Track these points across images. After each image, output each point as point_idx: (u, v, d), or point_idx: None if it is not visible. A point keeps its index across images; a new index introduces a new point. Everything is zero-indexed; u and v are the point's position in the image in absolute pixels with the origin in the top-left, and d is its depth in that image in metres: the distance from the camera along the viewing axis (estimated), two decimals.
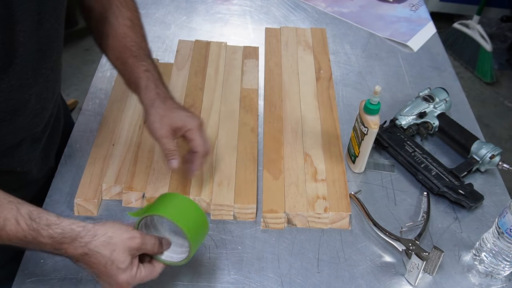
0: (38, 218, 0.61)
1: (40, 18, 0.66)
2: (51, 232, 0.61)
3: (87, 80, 2.28)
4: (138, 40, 0.84)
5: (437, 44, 1.30)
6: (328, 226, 0.85)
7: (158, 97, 0.79)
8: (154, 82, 0.80)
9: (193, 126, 0.79)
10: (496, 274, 0.80)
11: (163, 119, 0.78)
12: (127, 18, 0.84)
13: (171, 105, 0.80)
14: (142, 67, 0.81)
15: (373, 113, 0.86)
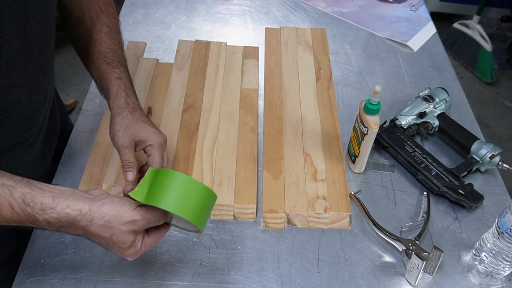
0: (32, 202, 0.60)
1: (26, 16, 0.65)
2: (46, 217, 0.60)
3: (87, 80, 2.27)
4: (113, 47, 0.84)
5: (437, 44, 1.30)
6: (328, 226, 0.85)
7: (127, 106, 0.79)
8: (124, 90, 0.80)
9: (155, 142, 0.78)
10: (496, 274, 0.80)
11: (127, 129, 0.77)
12: (105, 24, 0.84)
13: (138, 118, 0.79)
14: (115, 74, 0.81)
15: (373, 113, 0.86)
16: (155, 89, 1.05)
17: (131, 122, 0.78)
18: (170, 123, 0.98)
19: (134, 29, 1.24)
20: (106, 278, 0.75)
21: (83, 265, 0.77)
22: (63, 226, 0.61)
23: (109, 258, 0.78)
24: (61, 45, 1.63)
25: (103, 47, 0.82)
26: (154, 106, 1.01)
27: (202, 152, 0.93)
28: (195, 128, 0.97)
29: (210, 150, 0.93)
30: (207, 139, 0.95)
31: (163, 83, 1.07)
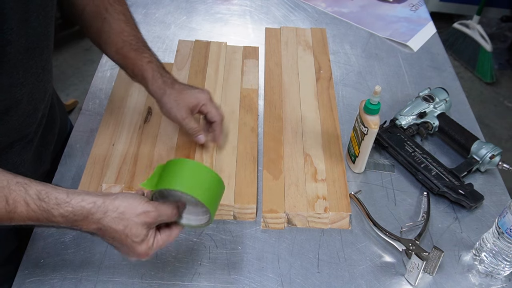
0: (47, 198, 0.61)
1: (28, 16, 0.66)
2: (61, 211, 0.61)
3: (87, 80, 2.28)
4: (134, 33, 0.87)
5: (437, 44, 1.30)
6: (328, 226, 0.85)
7: (166, 85, 0.85)
8: (158, 71, 0.86)
9: (205, 100, 0.86)
10: (496, 274, 0.80)
11: (178, 103, 0.84)
12: (121, 13, 0.87)
13: (179, 89, 0.86)
14: (145, 59, 0.86)
15: (373, 113, 0.86)
16: None
17: (177, 96, 0.85)
18: (170, 123, 0.98)
19: None
20: (106, 278, 0.75)
21: (83, 265, 0.77)
22: (77, 220, 0.62)
23: (109, 258, 0.78)
24: (61, 45, 1.67)
25: (125, 35, 0.86)
26: (154, 105, 1.01)
27: (202, 152, 0.93)
28: None
29: (210, 150, 0.93)
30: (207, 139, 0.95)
31: None
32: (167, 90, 0.85)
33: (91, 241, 0.80)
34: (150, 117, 0.99)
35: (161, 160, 0.90)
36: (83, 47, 2.62)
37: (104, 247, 0.79)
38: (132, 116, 0.99)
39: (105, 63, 1.13)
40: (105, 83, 1.08)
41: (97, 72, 1.11)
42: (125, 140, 0.94)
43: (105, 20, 0.86)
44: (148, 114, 1.00)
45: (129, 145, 0.93)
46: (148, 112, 1.00)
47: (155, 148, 0.93)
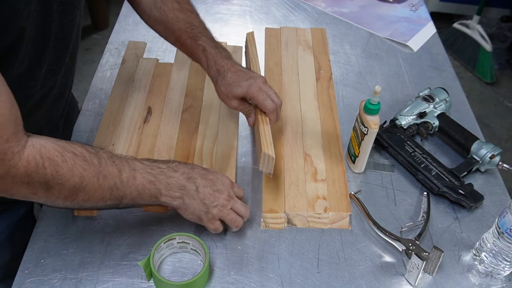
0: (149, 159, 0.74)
1: (63, 8, 0.70)
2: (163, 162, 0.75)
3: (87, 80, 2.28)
4: (189, 19, 0.90)
5: (437, 44, 1.30)
6: (328, 226, 0.85)
7: (219, 74, 0.87)
8: (213, 59, 0.88)
9: (253, 92, 0.86)
10: (496, 274, 0.80)
11: (228, 94, 0.87)
12: (174, 1, 0.90)
13: (230, 78, 0.87)
14: (200, 48, 0.89)
15: (373, 113, 0.86)
16: (155, 89, 1.05)
17: (227, 87, 0.87)
18: (170, 123, 0.98)
19: (134, 29, 1.24)
20: (106, 278, 0.75)
21: (83, 265, 0.77)
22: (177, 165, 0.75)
23: (109, 258, 0.78)
24: None
25: (181, 23, 0.90)
26: (154, 106, 1.01)
27: (202, 153, 0.93)
28: (194, 128, 0.97)
29: (210, 150, 0.93)
30: (207, 139, 0.95)
31: (163, 83, 1.07)
32: (218, 80, 0.87)
33: (91, 241, 0.80)
34: (150, 117, 0.99)
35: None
36: (83, 47, 2.62)
37: (104, 247, 0.79)
38: (132, 116, 0.99)
39: (105, 63, 1.14)
40: (105, 83, 1.08)
41: (97, 72, 1.11)
42: (125, 140, 0.94)
43: (161, 9, 0.90)
44: (148, 114, 1.00)
45: (129, 145, 0.93)
46: (148, 112, 1.00)
47: (154, 148, 0.93)
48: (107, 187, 0.67)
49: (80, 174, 0.64)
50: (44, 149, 0.62)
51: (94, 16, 2.74)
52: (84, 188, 0.65)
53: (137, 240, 0.80)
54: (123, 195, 0.69)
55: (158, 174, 0.72)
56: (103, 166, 0.67)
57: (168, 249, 0.78)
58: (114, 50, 1.17)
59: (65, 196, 0.64)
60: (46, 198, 0.64)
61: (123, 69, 1.10)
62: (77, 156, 0.65)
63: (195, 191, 0.75)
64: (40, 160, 0.61)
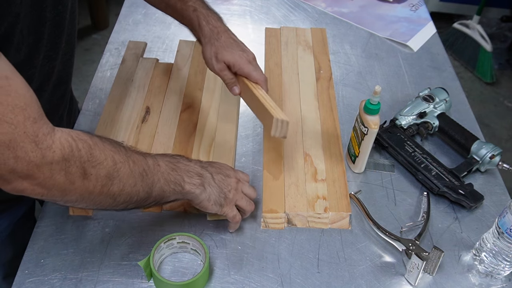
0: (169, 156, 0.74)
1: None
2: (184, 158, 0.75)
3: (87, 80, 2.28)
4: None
5: (437, 44, 1.30)
6: (328, 226, 0.85)
7: (212, 34, 0.86)
8: (205, 19, 0.87)
9: (243, 63, 0.85)
10: (496, 274, 0.80)
11: (217, 56, 0.85)
12: None
13: (224, 42, 0.86)
14: (190, 8, 0.87)
15: (373, 113, 0.86)
16: (155, 89, 1.05)
17: (218, 49, 0.85)
18: (169, 123, 0.98)
19: (134, 29, 1.24)
20: (106, 278, 0.75)
21: (83, 265, 0.77)
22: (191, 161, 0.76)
23: (109, 258, 0.78)
24: None
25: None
26: (153, 105, 1.01)
27: (199, 153, 0.92)
28: (193, 128, 0.97)
29: (207, 151, 0.93)
30: (205, 140, 0.95)
31: (163, 83, 1.07)
32: (212, 39, 0.86)
33: (91, 241, 0.80)
34: (148, 117, 0.99)
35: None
36: (83, 47, 2.62)
37: (104, 247, 0.79)
38: (130, 115, 0.99)
39: (105, 63, 1.14)
40: (105, 83, 1.08)
41: (97, 72, 1.11)
42: (122, 140, 0.94)
43: None
44: (146, 113, 1.00)
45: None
46: (146, 111, 1.00)
47: (152, 148, 0.93)
48: (138, 173, 0.65)
49: (112, 157, 0.62)
50: (73, 132, 0.60)
51: (94, 16, 2.74)
52: (117, 172, 0.62)
53: (137, 240, 0.80)
54: (152, 182, 0.67)
55: (177, 162, 0.72)
56: (129, 152, 0.65)
57: (168, 249, 0.78)
58: (114, 50, 1.17)
59: (102, 185, 0.61)
60: (83, 188, 0.60)
61: (122, 69, 1.10)
62: (104, 141, 0.63)
63: (211, 178, 0.75)
64: (73, 142, 0.58)
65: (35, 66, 0.73)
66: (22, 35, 0.65)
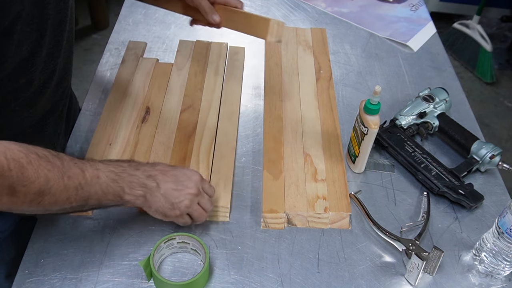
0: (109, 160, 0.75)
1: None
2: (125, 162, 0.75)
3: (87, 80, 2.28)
4: None
5: (437, 44, 1.30)
6: (328, 226, 0.85)
7: None
8: None
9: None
10: (496, 274, 0.80)
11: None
12: None
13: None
14: None
15: (373, 113, 0.86)
16: (154, 89, 1.05)
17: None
18: (168, 123, 0.98)
19: (134, 29, 1.24)
20: (106, 278, 0.75)
21: (83, 265, 0.77)
22: (140, 164, 0.75)
23: (109, 258, 0.78)
24: None
25: None
26: (153, 105, 1.01)
27: (199, 153, 0.92)
28: (193, 128, 0.97)
29: (207, 151, 0.93)
30: (205, 140, 0.95)
31: (163, 83, 1.07)
32: None
33: (91, 241, 0.80)
34: (148, 117, 0.99)
35: (158, 159, 0.90)
36: (83, 47, 2.62)
37: (104, 247, 0.79)
38: (130, 115, 0.99)
39: (105, 63, 1.14)
40: (105, 83, 1.08)
41: (97, 72, 1.11)
42: (122, 140, 0.94)
43: None
44: (146, 113, 1.00)
45: (126, 144, 0.93)
46: (146, 111, 1.00)
47: (152, 148, 0.93)
48: (72, 188, 0.66)
49: (45, 176, 0.63)
50: (9, 150, 0.60)
51: (94, 16, 2.74)
52: (49, 189, 0.63)
53: (137, 240, 0.80)
54: (88, 195, 0.68)
55: (121, 172, 0.72)
56: (66, 167, 0.66)
57: (168, 249, 0.78)
58: (114, 50, 1.17)
59: (31, 200, 0.63)
60: (10, 204, 0.62)
61: (122, 69, 1.10)
62: (41, 157, 0.63)
63: (156, 187, 0.73)
64: (5, 162, 0.59)
65: (38, 64, 0.73)
66: (24, 32, 0.66)
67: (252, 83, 1.11)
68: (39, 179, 0.62)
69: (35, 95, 0.78)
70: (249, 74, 1.13)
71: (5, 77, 0.69)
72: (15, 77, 0.68)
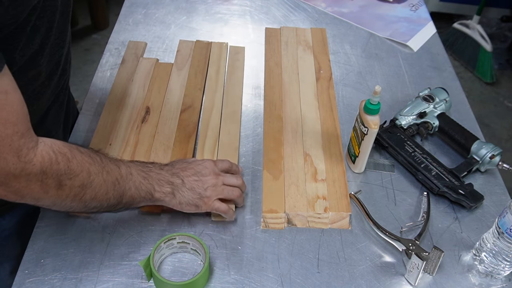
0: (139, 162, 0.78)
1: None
2: (155, 165, 0.78)
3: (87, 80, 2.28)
4: None
5: (437, 44, 1.30)
6: (328, 226, 0.85)
7: None
8: None
9: None
10: (496, 274, 0.80)
11: None
12: None
13: None
14: None
15: (373, 113, 0.86)
16: (154, 89, 1.05)
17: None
18: (168, 123, 0.98)
19: (134, 29, 1.24)
20: (106, 278, 0.75)
21: (83, 265, 0.77)
22: (161, 165, 0.78)
23: (109, 258, 0.78)
24: None
25: None
26: (153, 105, 1.01)
27: (204, 153, 0.92)
28: (192, 128, 0.97)
29: (211, 151, 0.93)
30: (209, 140, 0.95)
31: (163, 83, 1.07)
32: None
33: (91, 241, 0.80)
34: (148, 117, 0.99)
35: (157, 159, 0.90)
36: (83, 47, 2.62)
37: (104, 247, 0.79)
38: (130, 115, 0.99)
39: (105, 63, 1.14)
40: (105, 83, 1.08)
41: (97, 72, 1.11)
42: (122, 140, 0.94)
43: None
44: (146, 113, 1.00)
45: (126, 144, 0.93)
46: (146, 111, 1.00)
47: (152, 148, 0.93)
48: (110, 182, 0.69)
49: (87, 169, 0.66)
50: (55, 145, 0.64)
51: (94, 16, 2.74)
52: (91, 183, 0.67)
53: (137, 240, 0.80)
54: (124, 191, 0.71)
55: (148, 171, 0.75)
56: (104, 163, 0.69)
57: (168, 249, 0.78)
58: (114, 50, 1.17)
59: (75, 194, 0.66)
60: (56, 197, 0.65)
61: (122, 69, 1.10)
62: (83, 152, 0.67)
63: (182, 183, 0.77)
64: (53, 156, 0.62)
65: (46, 56, 0.74)
66: (36, 25, 0.67)
67: (252, 83, 1.12)
68: (83, 172, 0.65)
69: (42, 87, 0.78)
70: (249, 74, 1.13)
71: (16, 70, 0.69)
72: (25, 70, 0.69)
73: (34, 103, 0.79)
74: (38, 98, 0.79)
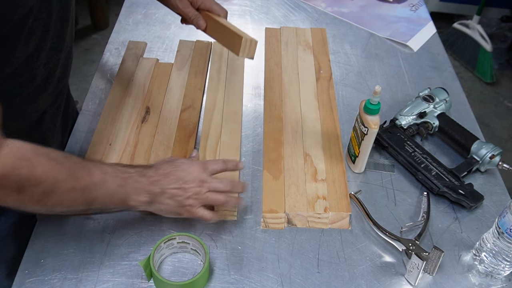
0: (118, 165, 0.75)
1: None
2: (132, 168, 0.75)
3: (87, 80, 2.28)
4: None
5: (437, 44, 1.30)
6: (328, 226, 0.85)
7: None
8: None
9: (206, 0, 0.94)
10: (496, 274, 0.80)
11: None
12: None
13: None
14: None
15: (373, 113, 0.86)
16: (154, 89, 1.05)
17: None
18: (168, 123, 0.98)
19: (134, 29, 1.24)
20: (106, 278, 0.75)
21: (83, 265, 0.77)
22: (144, 170, 0.75)
23: (109, 258, 0.78)
24: None
25: None
26: (153, 105, 1.01)
27: (206, 152, 0.92)
28: (192, 128, 0.97)
29: (213, 150, 0.93)
30: (210, 140, 0.95)
31: (163, 83, 1.07)
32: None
33: (91, 241, 0.80)
34: (148, 117, 0.99)
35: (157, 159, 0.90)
36: (83, 47, 2.62)
37: (104, 247, 0.79)
38: (130, 115, 0.99)
39: (105, 63, 1.14)
40: (105, 83, 1.08)
41: (97, 72, 1.11)
42: (122, 140, 0.94)
43: None
44: (146, 113, 1.00)
45: (126, 144, 0.93)
46: (146, 111, 1.00)
47: (152, 148, 0.93)
48: (79, 190, 0.67)
49: (54, 176, 0.64)
50: (23, 149, 0.62)
51: (94, 16, 2.74)
52: (56, 190, 0.64)
53: (137, 240, 0.80)
54: (94, 198, 0.69)
55: (128, 178, 0.72)
56: (75, 169, 0.67)
57: (168, 249, 0.78)
58: (114, 50, 1.17)
59: (37, 200, 0.64)
60: (17, 202, 0.63)
61: (122, 69, 1.10)
62: (51, 158, 0.64)
63: (161, 192, 0.74)
64: (16, 161, 0.60)
65: (42, 59, 0.74)
66: (32, 27, 0.67)
67: (252, 83, 1.12)
68: (48, 179, 0.63)
69: (38, 90, 0.78)
70: (249, 74, 1.13)
71: (11, 72, 0.69)
72: (20, 72, 0.69)
73: (29, 105, 0.79)
74: (33, 101, 0.79)
